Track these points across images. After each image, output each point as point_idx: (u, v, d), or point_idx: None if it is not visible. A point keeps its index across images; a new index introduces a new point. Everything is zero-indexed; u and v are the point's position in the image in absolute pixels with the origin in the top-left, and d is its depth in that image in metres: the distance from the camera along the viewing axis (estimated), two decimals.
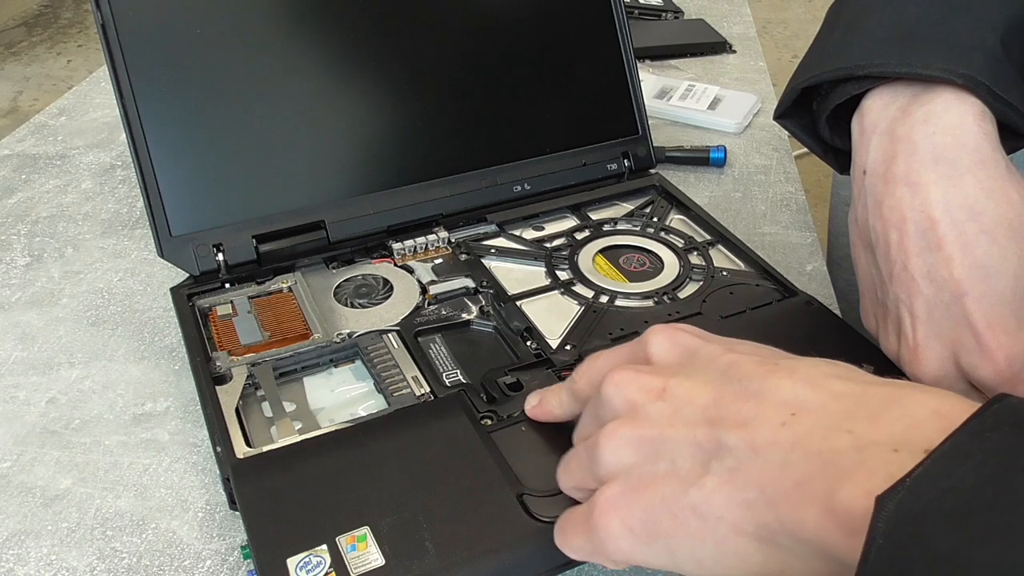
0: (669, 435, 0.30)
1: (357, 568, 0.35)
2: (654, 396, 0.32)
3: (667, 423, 0.31)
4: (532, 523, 0.37)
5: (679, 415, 0.31)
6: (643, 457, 0.31)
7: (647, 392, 0.32)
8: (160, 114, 0.51)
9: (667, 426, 0.31)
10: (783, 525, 0.27)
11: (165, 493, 0.43)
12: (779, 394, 0.29)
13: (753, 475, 0.28)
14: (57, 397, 0.49)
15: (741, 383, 0.30)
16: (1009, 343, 0.37)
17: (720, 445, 0.29)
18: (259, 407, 0.45)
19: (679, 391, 0.31)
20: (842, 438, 0.26)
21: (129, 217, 0.66)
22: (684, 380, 0.31)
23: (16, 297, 0.57)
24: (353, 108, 0.56)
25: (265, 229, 0.53)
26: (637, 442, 0.31)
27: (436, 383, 0.45)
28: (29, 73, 2.69)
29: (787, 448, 0.27)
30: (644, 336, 0.35)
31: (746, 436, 0.28)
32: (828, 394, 0.28)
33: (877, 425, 0.26)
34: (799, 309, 0.50)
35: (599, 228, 0.59)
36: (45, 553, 0.40)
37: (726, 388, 0.30)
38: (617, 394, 0.33)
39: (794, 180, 0.71)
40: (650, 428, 0.31)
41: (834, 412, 0.28)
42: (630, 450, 0.31)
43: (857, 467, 0.25)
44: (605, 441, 0.32)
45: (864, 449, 0.26)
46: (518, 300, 0.51)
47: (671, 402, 0.31)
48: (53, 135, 0.78)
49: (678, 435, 0.30)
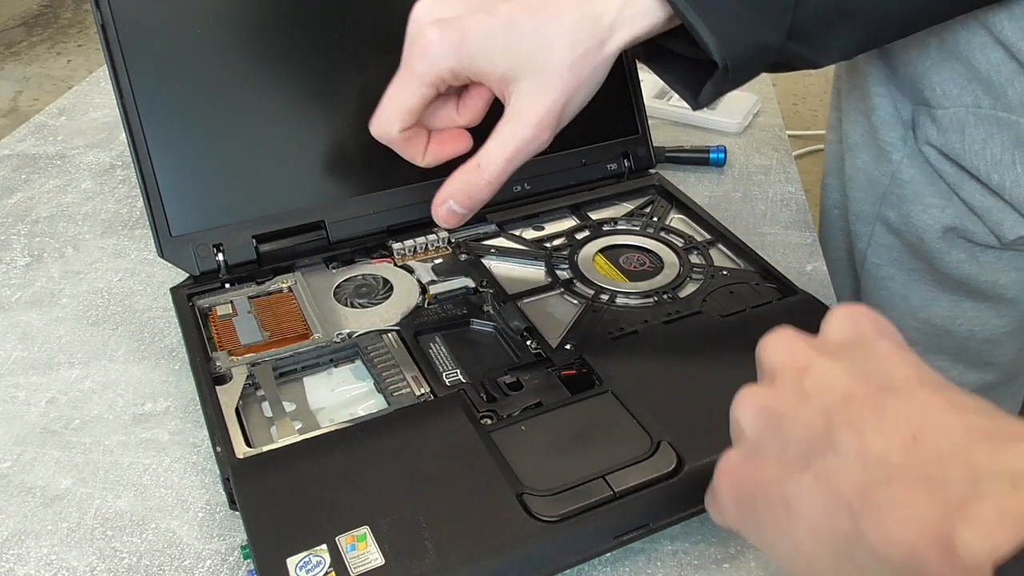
0: (791, 415, 0.30)
1: (357, 568, 0.35)
2: (795, 372, 0.31)
3: (794, 402, 0.30)
4: (532, 523, 0.37)
5: (808, 399, 0.30)
6: (763, 429, 0.31)
7: (791, 365, 0.31)
8: (160, 114, 0.51)
9: (793, 405, 0.30)
10: (863, 536, 0.26)
11: (165, 493, 0.43)
12: (909, 413, 0.27)
13: (850, 482, 0.27)
14: (57, 397, 0.49)
15: (879, 390, 0.29)
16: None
17: (830, 442, 0.28)
18: (259, 407, 0.45)
19: (819, 374, 0.30)
20: (959, 468, 0.25)
21: (129, 217, 0.66)
22: (830, 364, 0.30)
23: (16, 297, 0.57)
24: (353, 108, 0.56)
25: (265, 229, 0.53)
26: (763, 412, 0.31)
27: (436, 383, 0.45)
28: (29, 73, 2.69)
29: (896, 467, 0.26)
30: (830, 311, 0.34)
31: (859, 443, 0.27)
32: (959, 423, 0.27)
33: (998, 458, 0.25)
34: (799, 308, 0.50)
35: (599, 228, 0.59)
36: (45, 553, 0.40)
37: (862, 387, 0.29)
38: (766, 357, 0.32)
39: (794, 180, 0.71)
40: (778, 402, 0.30)
41: (957, 441, 0.26)
42: (755, 418, 0.31)
43: (969, 498, 0.24)
44: (740, 401, 0.32)
45: (979, 481, 0.24)
46: (518, 300, 0.51)
47: (807, 383, 0.30)
48: (53, 135, 0.78)
49: (799, 417, 0.29)
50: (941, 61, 0.53)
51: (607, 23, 0.41)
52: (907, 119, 0.58)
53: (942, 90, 0.54)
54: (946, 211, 0.58)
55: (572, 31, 0.41)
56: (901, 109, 0.58)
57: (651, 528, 0.38)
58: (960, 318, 0.63)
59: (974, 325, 0.63)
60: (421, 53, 0.41)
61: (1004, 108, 0.51)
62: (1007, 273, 0.59)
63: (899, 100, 0.58)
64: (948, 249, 0.59)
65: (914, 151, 0.58)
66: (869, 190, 0.63)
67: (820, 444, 0.28)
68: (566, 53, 0.41)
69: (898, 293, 0.64)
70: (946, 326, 0.63)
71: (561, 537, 0.37)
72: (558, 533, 0.37)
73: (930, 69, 0.54)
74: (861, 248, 0.65)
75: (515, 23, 0.41)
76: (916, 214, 0.59)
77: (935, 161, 0.57)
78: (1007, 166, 0.53)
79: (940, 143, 0.55)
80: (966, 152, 0.54)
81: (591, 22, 0.41)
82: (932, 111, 0.55)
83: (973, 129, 0.53)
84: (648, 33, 0.42)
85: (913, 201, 0.59)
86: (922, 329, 0.64)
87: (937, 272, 0.61)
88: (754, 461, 0.30)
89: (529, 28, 0.41)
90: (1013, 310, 0.62)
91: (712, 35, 0.40)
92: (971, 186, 0.56)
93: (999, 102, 0.51)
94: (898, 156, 0.59)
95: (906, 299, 0.64)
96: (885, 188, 0.61)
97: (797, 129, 1.22)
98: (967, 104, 0.53)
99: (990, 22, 0.49)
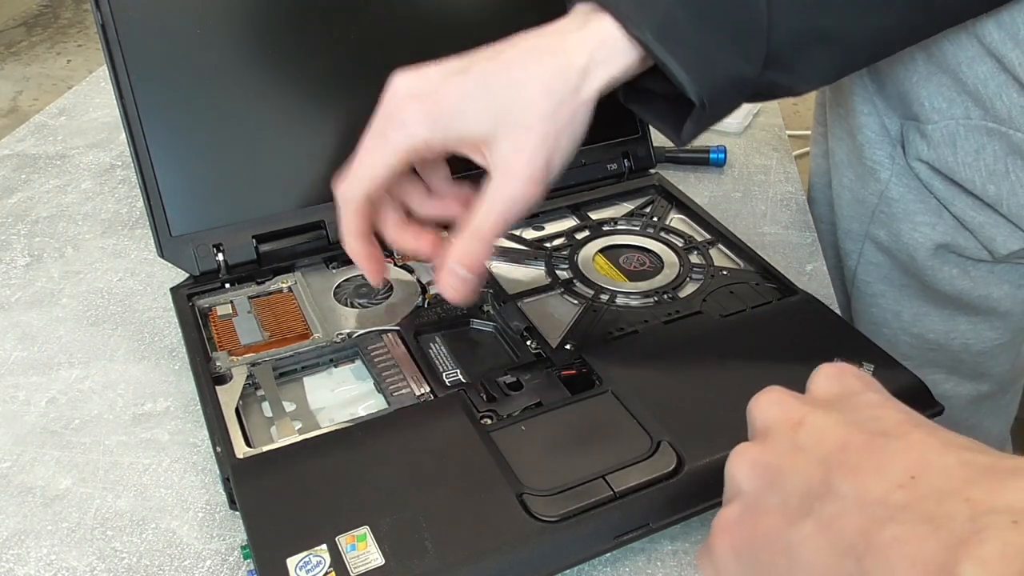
0: (788, 468, 0.30)
1: (357, 568, 0.35)
2: (789, 426, 0.31)
3: (790, 456, 0.30)
4: (532, 523, 0.37)
5: (804, 451, 0.30)
6: (761, 484, 0.31)
7: (784, 420, 0.32)
8: (160, 114, 0.51)
9: (789, 459, 0.30)
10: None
11: (165, 493, 0.43)
12: (905, 454, 0.28)
13: (852, 525, 0.27)
14: (57, 397, 0.49)
15: (874, 435, 0.29)
16: None
17: (830, 489, 0.28)
18: (259, 407, 0.45)
19: (813, 426, 0.31)
20: (959, 506, 0.25)
21: (129, 217, 0.66)
22: (823, 416, 0.31)
23: (16, 297, 0.57)
24: (354, 107, 0.56)
25: (265, 229, 0.53)
26: (760, 468, 0.31)
27: (436, 383, 0.45)
28: (29, 73, 2.69)
29: (897, 507, 0.27)
30: (816, 370, 0.35)
31: (858, 486, 0.28)
32: (956, 460, 0.27)
33: (997, 494, 0.25)
34: (799, 308, 0.50)
35: (599, 228, 0.59)
36: (45, 553, 0.40)
37: (857, 436, 0.30)
38: (759, 415, 0.33)
39: (794, 180, 0.71)
40: (775, 456, 0.31)
41: (956, 478, 0.27)
42: (751, 474, 0.31)
43: (971, 535, 0.24)
44: (734, 459, 0.32)
45: (980, 518, 0.25)
46: (518, 300, 0.51)
47: (802, 436, 0.31)
48: (53, 135, 0.78)
49: (797, 469, 0.30)
50: (928, 75, 0.52)
51: (579, 68, 0.40)
52: (895, 135, 0.57)
53: (931, 104, 0.53)
54: (937, 228, 0.57)
55: (545, 81, 0.40)
56: (889, 125, 0.57)
57: (651, 528, 0.38)
58: (953, 332, 0.62)
59: (968, 339, 0.62)
60: (397, 124, 0.41)
61: (994, 120, 0.51)
62: (1000, 287, 0.59)
63: (887, 116, 0.57)
64: (940, 265, 0.59)
65: (903, 168, 0.58)
66: (857, 209, 0.62)
67: (820, 491, 0.29)
68: (542, 104, 0.40)
69: (890, 309, 0.64)
70: (939, 340, 0.63)
71: (561, 537, 0.37)
72: (558, 533, 0.37)
73: (917, 84, 0.53)
74: (851, 265, 0.65)
75: (487, 81, 0.40)
76: (906, 232, 0.59)
77: (926, 177, 0.56)
78: (1001, 176, 0.52)
79: (931, 158, 0.55)
80: (959, 165, 0.53)
81: (563, 70, 0.40)
82: (921, 126, 0.54)
83: (964, 141, 0.52)
84: (624, 74, 0.41)
85: (903, 219, 0.59)
86: (915, 344, 0.64)
87: (929, 288, 0.61)
88: (753, 516, 0.30)
89: (502, 84, 0.40)
90: (1006, 322, 0.61)
91: (686, 73, 0.40)
92: (963, 201, 0.55)
93: (988, 114, 0.51)
94: (886, 175, 0.58)
95: (898, 315, 0.64)
96: (874, 207, 0.60)
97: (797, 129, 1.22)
98: (957, 116, 0.52)
99: (979, 32, 0.49)
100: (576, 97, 0.41)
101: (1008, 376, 0.66)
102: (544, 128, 0.41)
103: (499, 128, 0.41)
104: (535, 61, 0.41)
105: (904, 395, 0.44)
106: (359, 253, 0.45)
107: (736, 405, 0.43)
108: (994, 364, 0.64)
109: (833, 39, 0.42)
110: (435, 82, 0.41)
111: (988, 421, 0.69)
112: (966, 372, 0.65)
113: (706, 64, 0.40)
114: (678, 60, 0.40)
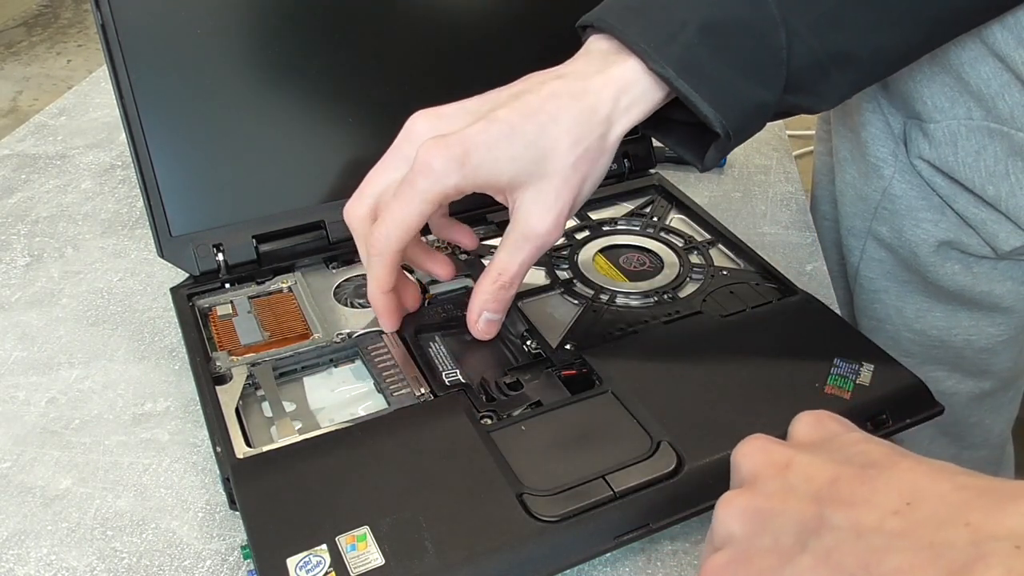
0: (779, 510, 0.30)
1: (357, 568, 0.35)
2: (776, 470, 0.31)
3: (780, 498, 0.30)
4: (532, 523, 0.37)
5: (794, 491, 0.30)
6: (751, 529, 0.31)
7: (770, 465, 0.32)
8: (160, 114, 0.51)
9: (780, 501, 0.30)
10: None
11: (165, 493, 0.43)
12: (898, 482, 0.28)
13: (849, 557, 0.27)
14: (57, 397, 0.49)
15: (863, 467, 0.29)
16: None
17: (823, 523, 0.28)
18: (259, 407, 0.45)
19: (801, 467, 0.31)
20: (958, 531, 0.25)
21: (129, 217, 0.66)
22: (809, 457, 0.31)
23: (16, 297, 0.57)
24: (353, 107, 0.56)
25: (265, 229, 0.53)
26: (749, 513, 0.31)
27: (436, 383, 0.45)
28: (29, 73, 2.69)
29: (894, 535, 0.26)
30: (795, 418, 0.35)
31: (852, 516, 0.28)
32: (950, 485, 0.27)
33: (997, 519, 0.25)
34: (799, 308, 0.50)
35: (599, 228, 0.59)
36: (45, 553, 0.40)
37: (846, 470, 0.30)
38: (744, 463, 0.33)
39: (794, 180, 0.71)
40: (764, 501, 0.31)
41: (953, 503, 0.26)
42: (740, 520, 0.31)
43: (974, 561, 0.24)
44: (721, 509, 0.32)
45: (982, 544, 0.25)
46: (518, 300, 0.51)
47: (791, 478, 0.31)
48: (53, 135, 0.78)
49: (787, 510, 0.30)
50: (931, 75, 0.53)
51: (605, 115, 0.41)
52: (898, 133, 0.58)
53: (933, 103, 0.53)
54: (939, 225, 0.58)
55: (572, 130, 0.41)
56: (892, 123, 0.58)
57: (651, 528, 0.38)
58: (956, 328, 0.62)
59: (970, 335, 0.63)
60: (424, 170, 0.41)
61: (996, 120, 0.51)
62: (1003, 283, 0.59)
63: (890, 114, 0.58)
64: (942, 262, 0.59)
65: (906, 166, 0.58)
66: (859, 205, 0.62)
67: (813, 526, 0.28)
68: (569, 154, 0.41)
69: (892, 306, 0.64)
70: (942, 336, 0.63)
71: (561, 537, 0.37)
72: (558, 533, 0.37)
73: (920, 83, 0.53)
74: (853, 262, 0.65)
75: (515, 130, 0.41)
76: (909, 229, 0.59)
77: (928, 175, 0.56)
78: (1001, 177, 0.52)
79: (932, 157, 0.55)
80: (959, 165, 0.54)
81: (589, 116, 0.41)
82: (924, 125, 0.55)
83: (965, 141, 0.53)
84: (647, 114, 0.42)
85: (906, 216, 0.59)
86: (918, 340, 0.64)
87: (931, 284, 0.61)
88: (745, 558, 0.30)
89: (531, 133, 0.41)
90: (1009, 319, 0.61)
91: (710, 106, 0.40)
92: (965, 199, 0.55)
93: (990, 114, 0.51)
94: (889, 172, 0.59)
95: (900, 311, 0.64)
96: (876, 204, 0.61)
97: (797, 129, 1.22)
98: (959, 116, 0.53)
99: (983, 33, 0.49)
100: (602, 144, 0.42)
101: (1010, 373, 0.66)
102: (570, 177, 0.42)
103: (528, 176, 0.41)
104: (561, 109, 0.41)
105: (904, 395, 0.44)
106: (383, 308, 0.47)
107: (736, 405, 0.43)
108: (996, 361, 0.64)
109: (851, 60, 0.42)
110: (457, 126, 0.41)
111: (990, 419, 0.69)
112: (968, 369, 0.65)
113: (729, 96, 0.40)
114: (702, 95, 0.40)
